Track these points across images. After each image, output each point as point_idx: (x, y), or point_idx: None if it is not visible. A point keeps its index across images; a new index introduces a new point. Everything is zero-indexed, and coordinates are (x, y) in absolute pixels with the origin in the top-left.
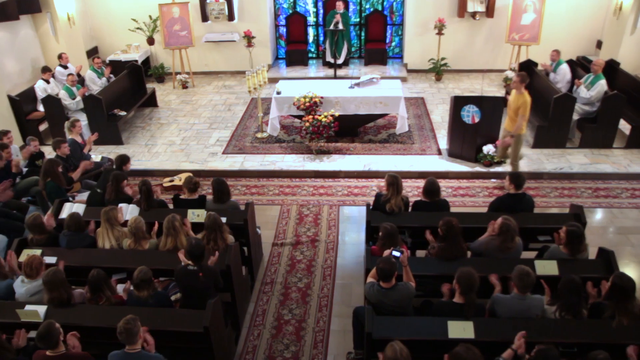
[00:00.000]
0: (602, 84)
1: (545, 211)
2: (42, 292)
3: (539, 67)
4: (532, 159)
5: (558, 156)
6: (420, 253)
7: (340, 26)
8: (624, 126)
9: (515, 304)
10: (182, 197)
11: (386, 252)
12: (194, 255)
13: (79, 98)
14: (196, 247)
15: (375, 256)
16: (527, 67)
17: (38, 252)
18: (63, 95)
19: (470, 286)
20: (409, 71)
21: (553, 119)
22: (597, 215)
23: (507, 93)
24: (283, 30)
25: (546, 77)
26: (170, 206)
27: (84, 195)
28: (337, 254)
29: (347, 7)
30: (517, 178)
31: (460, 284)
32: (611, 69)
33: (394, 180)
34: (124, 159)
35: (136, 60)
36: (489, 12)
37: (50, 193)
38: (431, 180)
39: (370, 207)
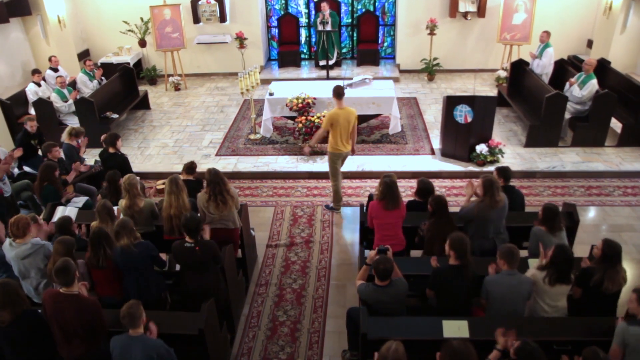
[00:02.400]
0: (593, 84)
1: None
2: (32, 255)
3: (528, 58)
4: (524, 158)
5: (550, 155)
6: (415, 253)
7: (329, 27)
8: (616, 124)
9: (507, 280)
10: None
11: (371, 253)
12: (189, 229)
13: (71, 101)
14: (191, 220)
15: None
16: (519, 67)
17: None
18: (54, 98)
19: (464, 250)
20: (402, 71)
21: (545, 118)
22: (590, 214)
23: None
24: (275, 31)
25: (537, 77)
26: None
27: (79, 202)
28: (332, 255)
29: (337, 8)
30: (505, 171)
31: (456, 249)
32: (602, 68)
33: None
34: (113, 138)
35: (128, 63)
36: (481, 12)
37: (47, 197)
38: (424, 180)
39: (364, 209)
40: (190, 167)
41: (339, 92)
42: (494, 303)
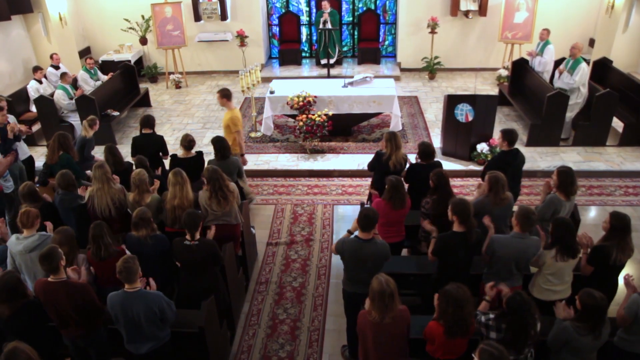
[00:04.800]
0: (583, 67)
1: None
2: (40, 246)
3: (526, 56)
4: (526, 157)
5: (552, 154)
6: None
7: (329, 25)
8: (617, 124)
9: (515, 242)
10: (179, 156)
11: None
12: (188, 225)
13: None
14: (191, 215)
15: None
16: (520, 66)
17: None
18: (61, 95)
19: (467, 213)
20: (402, 70)
21: (546, 117)
22: (591, 213)
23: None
24: (276, 29)
25: (539, 75)
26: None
27: None
28: (332, 253)
29: (338, 6)
30: (509, 133)
31: (458, 213)
32: (604, 67)
33: (391, 136)
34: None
35: (129, 60)
36: (482, 10)
37: (64, 167)
38: (426, 143)
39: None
40: (188, 144)
41: (228, 94)
42: (498, 262)
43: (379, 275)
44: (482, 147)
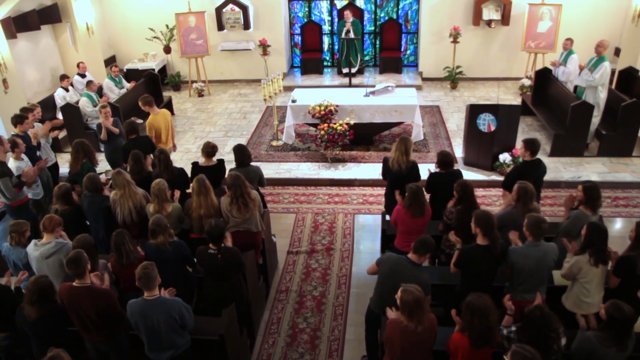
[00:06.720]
0: (605, 66)
1: None
2: (57, 253)
3: (549, 65)
4: (549, 168)
5: (576, 165)
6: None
7: (352, 35)
8: None
9: (532, 251)
10: (200, 163)
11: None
12: (212, 237)
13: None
14: (215, 228)
15: (398, 217)
16: (544, 75)
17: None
18: (85, 102)
19: (490, 226)
20: (424, 79)
21: (570, 127)
22: (617, 225)
23: None
24: (298, 38)
25: (561, 84)
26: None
27: None
28: (352, 263)
29: (360, 16)
30: (532, 144)
31: (481, 226)
32: (630, 76)
33: (400, 139)
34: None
35: (153, 69)
36: (505, 20)
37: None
38: (445, 152)
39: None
40: (211, 150)
41: (148, 101)
42: (519, 274)
43: (407, 286)
44: (504, 157)
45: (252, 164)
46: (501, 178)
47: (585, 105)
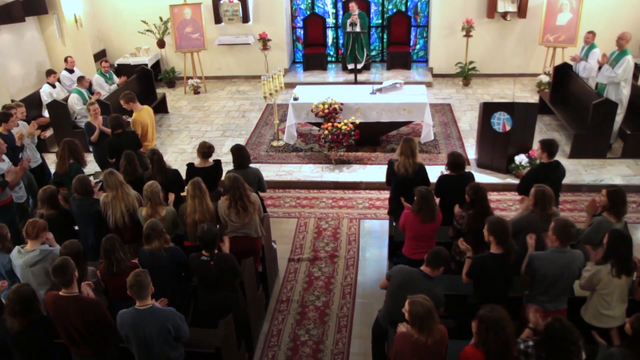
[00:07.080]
0: (628, 60)
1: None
2: (42, 261)
3: (569, 60)
4: (569, 170)
5: (598, 167)
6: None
7: (358, 28)
8: None
9: (557, 257)
10: (196, 165)
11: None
12: (204, 242)
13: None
14: (207, 233)
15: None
16: (563, 71)
17: None
18: (75, 99)
19: (505, 233)
20: (435, 76)
21: (592, 127)
22: None
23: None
24: (300, 32)
25: (582, 81)
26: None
27: None
28: (358, 271)
29: (366, 8)
30: (550, 145)
31: (495, 234)
32: None
33: (405, 140)
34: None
35: (146, 64)
36: (521, 12)
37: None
38: (456, 153)
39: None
40: (207, 150)
41: (131, 97)
42: (542, 282)
43: (414, 297)
44: (520, 158)
45: (251, 165)
46: (516, 181)
47: (608, 103)
